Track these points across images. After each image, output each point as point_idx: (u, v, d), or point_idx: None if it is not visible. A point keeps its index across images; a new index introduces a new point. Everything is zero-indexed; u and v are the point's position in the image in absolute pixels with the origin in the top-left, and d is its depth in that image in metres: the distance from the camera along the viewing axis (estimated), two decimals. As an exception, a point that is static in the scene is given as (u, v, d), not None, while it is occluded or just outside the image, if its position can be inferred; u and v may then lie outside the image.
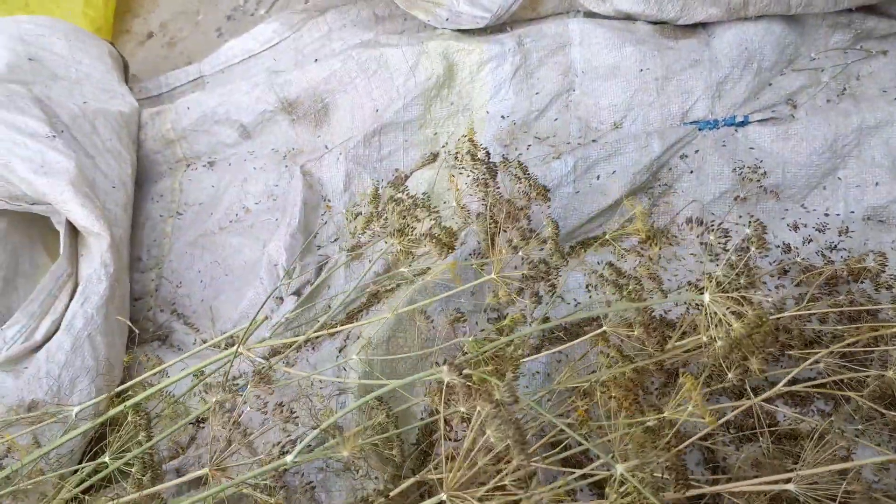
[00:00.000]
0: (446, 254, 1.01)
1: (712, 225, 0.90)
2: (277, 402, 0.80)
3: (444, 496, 0.67)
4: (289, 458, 0.75)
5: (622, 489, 0.78)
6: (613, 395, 0.83)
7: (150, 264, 1.58)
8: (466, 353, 0.97)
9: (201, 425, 1.29)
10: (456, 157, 1.25)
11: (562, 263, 1.00)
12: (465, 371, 0.70)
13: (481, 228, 1.08)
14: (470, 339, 0.85)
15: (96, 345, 1.29)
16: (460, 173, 1.29)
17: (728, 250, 0.88)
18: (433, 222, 1.04)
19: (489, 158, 1.22)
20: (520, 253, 0.97)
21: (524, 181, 1.22)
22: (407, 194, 1.06)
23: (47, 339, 1.36)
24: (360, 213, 1.07)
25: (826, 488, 0.90)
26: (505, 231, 1.07)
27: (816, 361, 1.02)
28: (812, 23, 1.40)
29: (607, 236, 1.23)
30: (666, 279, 1.28)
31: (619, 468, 0.70)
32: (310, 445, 0.84)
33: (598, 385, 0.86)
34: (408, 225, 1.01)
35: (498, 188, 1.16)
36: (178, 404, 1.05)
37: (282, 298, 1.37)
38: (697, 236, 0.89)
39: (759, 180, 1.29)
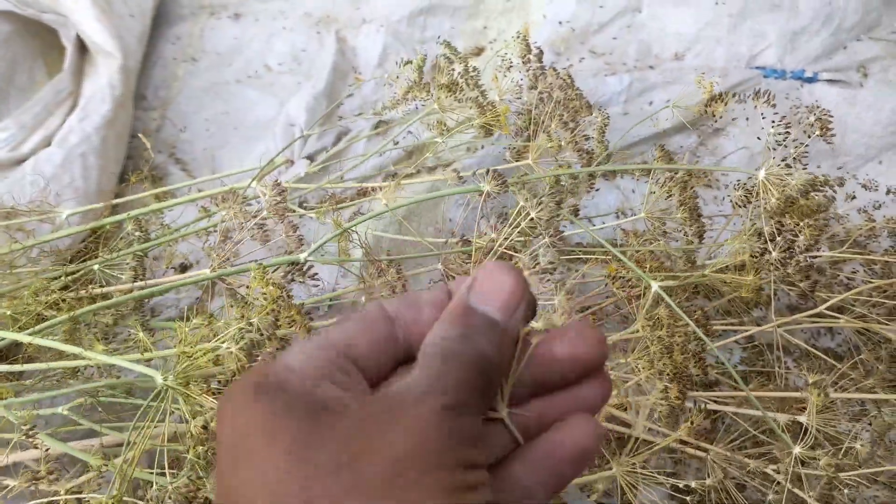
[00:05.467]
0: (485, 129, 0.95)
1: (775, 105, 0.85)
2: (290, 223, 0.72)
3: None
4: (303, 255, 0.68)
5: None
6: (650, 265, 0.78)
7: (154, 104, 1.47)
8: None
9: (184, 272, 1.21)
10: (503, 60, 1.16)
11: (605, 155, 0.93)
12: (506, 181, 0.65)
13: (525, 112, 1.00)
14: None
15: (88, 166, 1.20)
16: (505, 74, 1.20)
17: (786, 146, 0.83)
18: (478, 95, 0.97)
19: (542, 58, 1.14)
20: (563, 141, 0.90)
21: (571, 90, 1.14)
22: (459, 58, 0.98)
23: (33, 154, 1.26)
24: (410, 62, 0.99)
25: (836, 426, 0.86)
26: (547, 124, 1.00)
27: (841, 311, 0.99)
28: (901, -6, 1.33)
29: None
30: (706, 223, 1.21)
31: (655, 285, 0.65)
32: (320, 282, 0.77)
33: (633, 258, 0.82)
34: (456, 83, 0.93)
35: (548, 82, 1.08)
36: (174, 233, 0.97)
37: (292, 161, 1.28)
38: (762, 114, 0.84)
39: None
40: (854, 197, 1.21)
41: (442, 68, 1.02)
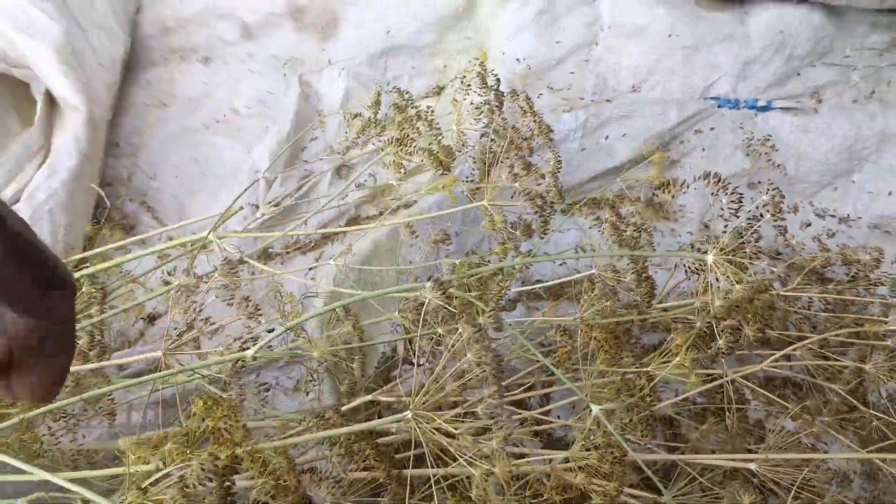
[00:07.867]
0: (440, 171, 0.96)
1: (726, 186, 0.86)
2: (244, 297, 0.74)
3: (409, 413, 0.62)
4: (249, 352, 0.70)
5: (589, 433, 0.74)
6: (595, 335, 0.78)
7: (126, 151, 1.50)
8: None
9: (153, 323, 1.23)
10: (462, 81, 1.19)
11: (559, 200, 0.95)
12: (449, 290, 0.65)
13: (479, 154, 1.02)
14: (456, 261, 0.80)
15: (56, 221, 1.22)
16: (464, 98, 1.21)
17: (738, 217, 0.85)
18: (432, 139, 0.99)
19: (499, 85, 1.17)
20: (517, 184, 0.92)
21: (529, 115, 1.16)
22: (412, 104, 1.01)
23: (6, 208, 1.28)
24: (359, 115, 1.01)
25: (787, 474, 0.87)
26: (503, 162, 1.02)
27: (794, 349, 1.00)
28: (852, 18, 1.34)
29: (607, 194, 1.18)
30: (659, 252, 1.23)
31: (595, 408, 0.66)
32: (271, 347, 0.79)
33: (581, 324, 0.82)
34: (408, 136, 0.95)
35: (503, 116, 1.11)
36: (136, 284, 0.99)
37: (257, 206, 1.30)
38: (713, 193, 0.86)
39: (769, 158, 1.25)
40: (809, 224, 1.22)
41: (393, 118, 1.04)
